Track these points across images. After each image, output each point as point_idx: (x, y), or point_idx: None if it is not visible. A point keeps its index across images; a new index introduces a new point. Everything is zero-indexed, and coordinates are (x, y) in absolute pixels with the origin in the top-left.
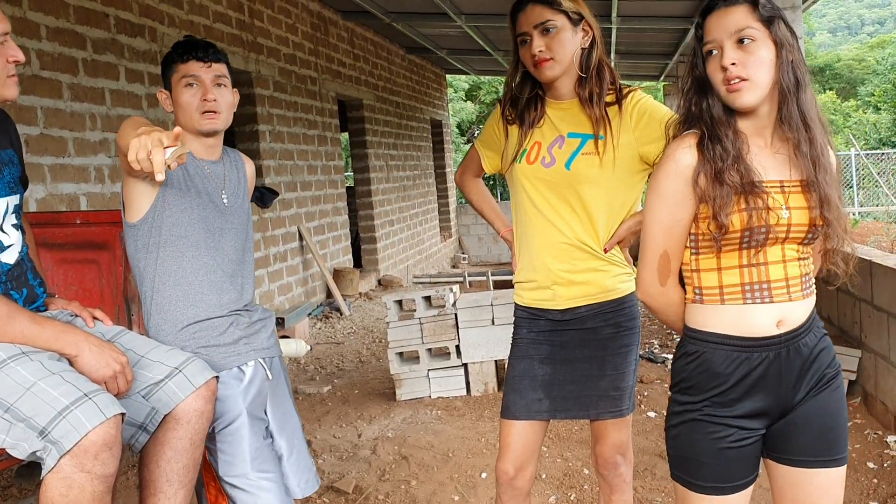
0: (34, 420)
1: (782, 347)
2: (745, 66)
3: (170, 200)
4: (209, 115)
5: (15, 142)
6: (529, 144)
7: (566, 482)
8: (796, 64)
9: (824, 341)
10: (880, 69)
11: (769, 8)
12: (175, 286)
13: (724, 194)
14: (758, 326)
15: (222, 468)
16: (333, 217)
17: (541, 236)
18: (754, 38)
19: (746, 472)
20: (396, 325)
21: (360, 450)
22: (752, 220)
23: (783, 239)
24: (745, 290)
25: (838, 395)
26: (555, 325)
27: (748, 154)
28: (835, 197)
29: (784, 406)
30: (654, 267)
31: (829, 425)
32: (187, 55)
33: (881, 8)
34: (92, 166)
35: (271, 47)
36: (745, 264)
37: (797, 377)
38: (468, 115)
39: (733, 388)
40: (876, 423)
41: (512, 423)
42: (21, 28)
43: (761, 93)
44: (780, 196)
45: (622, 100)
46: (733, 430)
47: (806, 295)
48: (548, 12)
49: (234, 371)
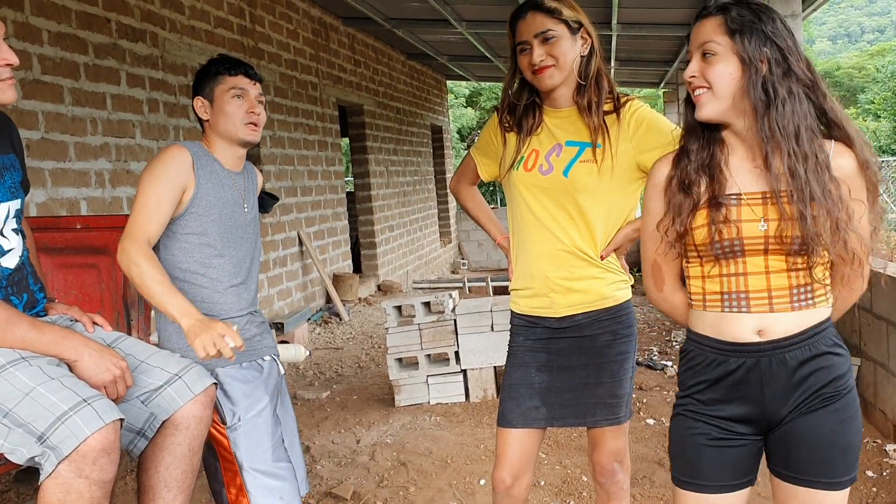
0: (33, 425)
1: (763, 356)
2: (704, 79)
3: (199, 211)
4: (252, 127)
5: (17, 146)
6: (527, 152)
7: (565, 489)
8: (772, 79)
9: (827, 360)
10: (880, 77)
11: (739, 21)
12: (200, 289)
13: (678, 202)
14: (735, 333)
15: (246, 458)
16: (333, 222)
17: (538, 244)
18: (715, 52)
19: (729, 475)
20: (395, 330)
21: (358, 456)
22: (717, 235)
23: (763, 250)
24: (723, 299)
25: (837, 417)
26: (552, 333)
27: (725, 165)
28: (816, 212)
29: (771, 417)
30: (650, 275)
31: (821, 446)
32: (236, 70)
33: (881, 16)
34: (93, 171)
35: (272, 53)
36: (724, 273)
37: (784, 389)
38: (468, 121)
39: (712, 388)
40: (875, 431)
41: (509, 431)
42: (23, 33)
43: (720, 105)
44: (760, 208)
45: (620, 108)
46: (713, 428)
47: (798, 307)
48: (548, 21)
49: (255, 364)
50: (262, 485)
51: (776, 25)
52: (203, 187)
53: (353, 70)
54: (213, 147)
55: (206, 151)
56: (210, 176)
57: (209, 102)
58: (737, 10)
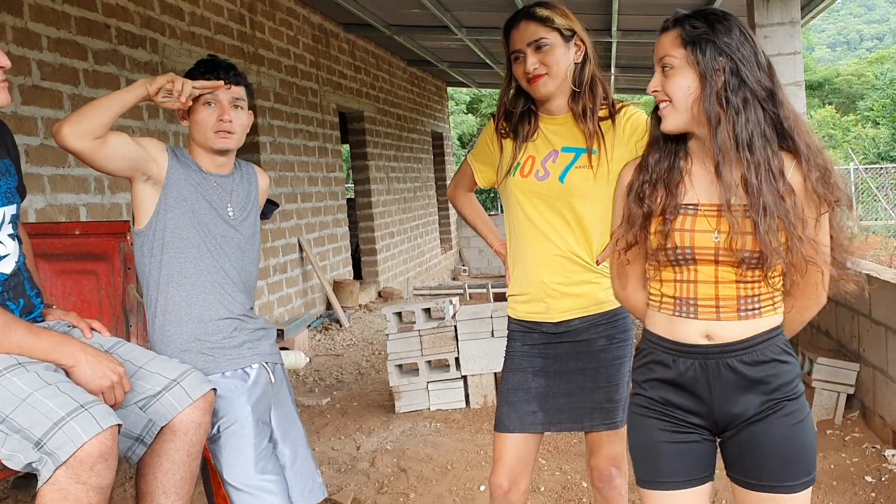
0: (30, 431)
1: (710, 358)
2: (664, 93)
3: (171, 203)
4: (222, 135)
5: (12, 151)
6: (523, 158)
7: (564, 495)
8: (727, 90)
9: (774, 367)
10: (879, 84)
11: (692, 34)
12: (178, 287)
13: (630, 213)
14: (684, 336)
15: (226, 470)
16: (334, 228)
17: (535, 249)
18: (672, 66)
19: (686, 469)
20: (396, 336)
21: (358, 462)
22: (668, 242)
23: (714, 260)
24: (675, 303)
25: (788, 422)
26: (548, 338)
27: (688, 174)
28: (769, 223)
29: (720, 419)
30: (615, 274)
31: (775, 451)
32: (209, 75)
33: (880, 23)
34: (92, 177)
35: (272, 59)
36: (677, 279)
37: (731, 393)
38: (469, 128)
39: (663, 387)
40: (874, 436)
41: (506, 436)
42: (22, 38)
43: (680, 118)
44: (714, 219)
45: (615, 114)
46: (666, 422)
47: (745, 317)
48: (541, 30)
49: (239, 372)
50: (243, 501)
51: (731, 35)
52: (175, 173)
53: (354, 76)
54: (195, 154)
55: (187, 154)
56: (184, 168)
57: (187, 110)
58: (691, 21)
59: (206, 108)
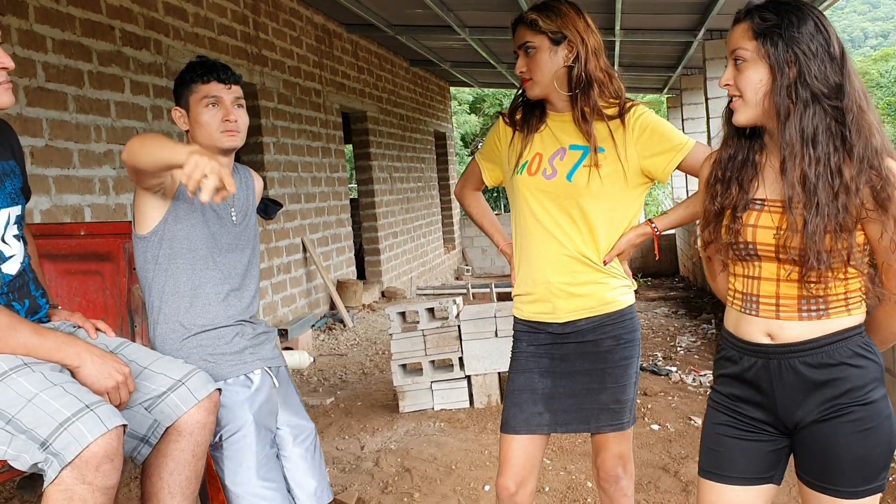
0: (35, 432)
1: (772, 358)
2: (736, 86)
3: (180, 215)
4: (229, 133)
5: (17, 152)
6: (530, 156)
7: (570, 496)
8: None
9: (843, 371)
10: (884, 82)
11: (763, 25)
12: (182, 297)
13: (707, 210)
14: (748, 333)
15: (228, 476)
16: (337, 229)
17: (541, 248)
18: (745, 59)
19: (748, 466)
20: (400, 336)
21: (362, 462)
22: (731, 236)
23: (776, 258)
24: (742, 299)
25: (853, 428)
26: (555, 339)
27: (762, 169)
28: (815, 224)
29: (785, 420)
30: (706, 263)
31: (838, 456)
32: (208, 76)
33: (885, 21)
34: (97, 178)
35: (276, 60)
36: (745, 275)
37: (794, 395)
38: (472, 128)
39: (731, 383)
40: None
41: (512, 437)
42: (27, 40)
43: (752, 112)
44: (777, 216)
45: (625, 114)
46: (733, 419)
47: (808, 317)
48: (528, 34)
49: (241, 379)
50: None
51: (804, 27)
52: (180, 192)
53: (357, 77)
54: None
55: None
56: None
57: (186, 112)
58: (762, 13)
59: (208, 109)
